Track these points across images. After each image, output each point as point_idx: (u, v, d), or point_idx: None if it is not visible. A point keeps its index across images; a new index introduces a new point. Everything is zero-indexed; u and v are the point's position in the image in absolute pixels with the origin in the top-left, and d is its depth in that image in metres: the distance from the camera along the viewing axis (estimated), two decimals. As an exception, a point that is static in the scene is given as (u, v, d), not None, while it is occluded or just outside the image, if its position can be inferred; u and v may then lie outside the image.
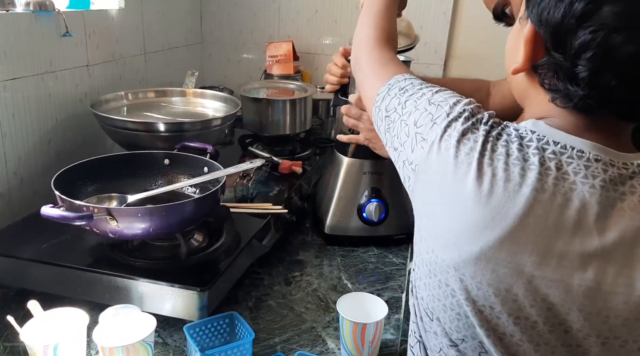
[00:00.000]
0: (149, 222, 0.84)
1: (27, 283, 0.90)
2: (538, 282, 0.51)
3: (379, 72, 0.75)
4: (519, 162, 0.52)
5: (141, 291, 0.85)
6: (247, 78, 1.97)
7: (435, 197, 0.57)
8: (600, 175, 0.51)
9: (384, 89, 0.70)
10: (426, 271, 0.59)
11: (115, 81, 1.46)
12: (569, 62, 0.51)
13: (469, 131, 0.56)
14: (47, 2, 1.18)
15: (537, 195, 0.51)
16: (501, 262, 0.51)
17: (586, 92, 0.51)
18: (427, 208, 0.59)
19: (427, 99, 0.62)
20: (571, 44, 0.50)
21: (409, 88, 0.66)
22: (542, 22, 0.53)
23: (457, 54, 1.80)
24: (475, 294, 0.53)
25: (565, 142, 0.53)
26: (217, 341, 0.83)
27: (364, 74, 0.80)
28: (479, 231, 0.52)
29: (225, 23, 1.99)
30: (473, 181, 0.53)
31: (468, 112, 0.57)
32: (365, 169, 1.14)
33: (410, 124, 0.61)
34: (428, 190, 0.58)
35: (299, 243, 1.18)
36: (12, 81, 1.11)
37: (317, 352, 0.85)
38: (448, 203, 0.55)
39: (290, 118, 1.43)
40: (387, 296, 1.00)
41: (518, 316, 0.52)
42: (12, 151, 1.14)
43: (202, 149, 1.10)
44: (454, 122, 0.57)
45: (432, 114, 0.59)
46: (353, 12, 1.83)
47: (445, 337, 0.59)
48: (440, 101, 0.61)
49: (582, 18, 0.49)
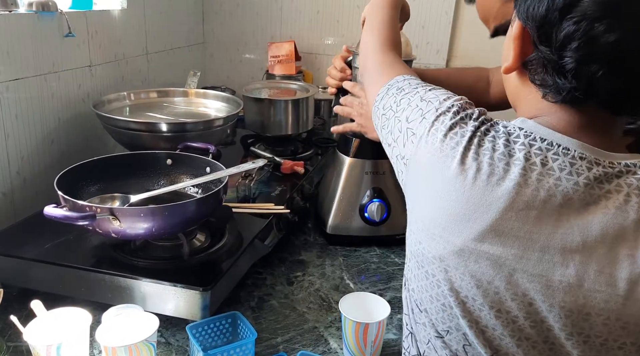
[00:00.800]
0: (152, 222, 0.84)
1: (30, 283, 0.90)
2: (519, 276, 0.51)
3: (381, 74, 0.77)
4: (504, 158, 0.53)
5: (144, 291, 0.85)
6: (249, 78, 1.98)
7: (423, 190, 0.58)
8: (584, 173, 0.52)
9: (383, 89, 0.72)
10: (415, 263, 0.60)
11: (117, 81, 1.47)
12: (556, 54, 0.52)
13: (457, 125, 0.57)
14: (50, 2, 1.18)
15: (519, 189, 0.51)
16: (483, 254, 0.52)
17: (574, 85, 0.52)
18: (416, 201, 0.60)
19: (420, 96, 0.64)
20: (556, 37, 0.52)
21: (406, 87, 0.68)
22: (528, 18, 0.55)
23: (459, 54, 1.79)
24: (459, 286, 0.54)
25: (552, 140, 0.54)
26: (219, 341, 0.83)
27: (369, 77, 0.81)
28: (461, 223, 0.53)
29: (228, 23, 1.99)
30: (457, 174, 0.54)
31: (457, 107, 0.58)
32: (367, 169, 1.14)
33: (403, 120, 0.63)
34: (416, 183, 0.60)
35: (301, 243, 1.18)
36: (15, 82, 1.11)
37: (320, 352, 0.85)
38: (434, 195, 0.56)
39: (292, 118, 1.44)
40: (389, 296, 1.00)
41: (499, 309, 0.53)
42: (15, 151, 1.14)
43: (204, 149, 1.10)
44: (442, 116, 0.58)
45: (422, 110, 0.61)
46: (355, 13, 1.83)
47: (432, 328, 0.60)
48: (431, 97, 0.62)
49: (565, 10, 0.50)
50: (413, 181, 0.61)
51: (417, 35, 1.77)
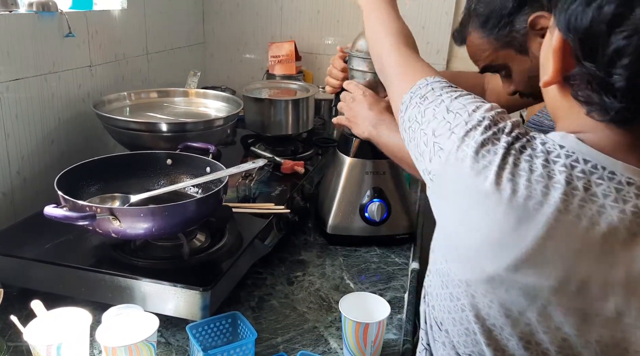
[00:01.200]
0: (152, 222, 0.84)
1: (30, 283, 0.90)
2: (554, 309, 0.48)
3: (401, 79, 0.72)
4: (542, 180, 0.48)
5: (144, 291, 0.85)
6: (249, 78, 1.98)
7: (452, 209, 0.54)
8: (631, 200, 0.47)
9: (406, 98, 0.67)
10: (439, 281, 0.57)
11: (117, 81, 1.47)
12: (603, 71, 0.48)
13: (489, 142, 0.52)
14: (50, 2, 1.18)
15: (559, 216, 0.47)
16: (516, 284, 0.48)
17: (624, 104, 0.48)
18: (442, 219, 0.57)
19: (446, 107, 0.59)
20: (603, 52, 0.47)
21: (429, 95, 0.63)
22: (570, 30, 0.50)
23: (459, 55, 1.80)
24: (486, 313, 0.51)
25: (596, 162, 0.49)
26: (219, 341, 0.83)
27: (389, 83, 0.77)
28: (494, 250, 0.49)
29: (228, 23, 1.99)
30: (490, 195, 0.49)
31: (488, 120, 0.53)
32: (367, 169, 1.14)
33: (429, 134, 0.59)
34: (444, 202, 0.56)
35: (301, 243, 1.18)
36: (15, 82, 1.11)
37: (320, 352, 0.85)
38: (463, 216, 0.52)
39: (292, 118, 1.43)
40: (389, 296, 1.00)
41: (529, 340, 0.50)
42: (16, 150, 1.14)
43: (204, 149, 1.10)
44: (472, 131, 0.53)
45: (450, 123, 0.56)
46: (355, 12, 1.83)
47: (453, 350, 0.57)
48: (458, 108, 0.57)
49: (614, 22, 0.46)
50: (439, 198, 0.57)
51: (417, 35, 1.73)
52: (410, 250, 1.17)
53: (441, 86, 0.64)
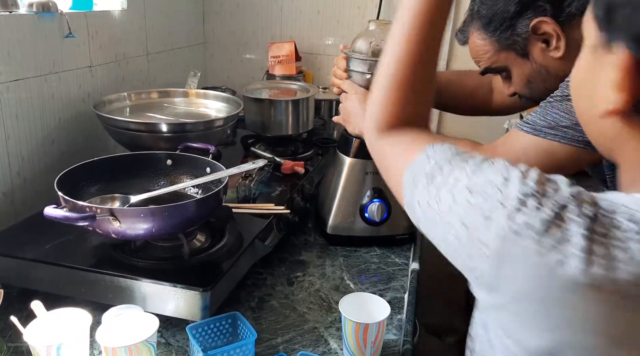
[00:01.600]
0: (152, 222, 0.84)
1: (30, 283, 0.90)
2: None
3: (393, 156, 0.64)
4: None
5: (144, 291, 0.85)
6: (250, 79, 1.98)
7: (530, 321, 0.43)
8: None
9: (407, 178, 0.56)
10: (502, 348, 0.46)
11: (118, 82, 1.47)
12: None
13: (552, 226, 0.40)
14: (50, 3, 1.18)
15: None
16: None
17: None
18: (524, 328, 0.44)
19: (466, 188, 0.47)
20: None
21: (436, 173, 0.51)
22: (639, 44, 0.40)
23: (459, 54, 1.79)
24: None
25: None
26: (219, 341, 0.83)
27: (380, 168, 0.71)
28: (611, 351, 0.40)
29: (228, 24, 1.99)
30: (586, 303, 0.39)
31: (533, 195, 0.41)
32: (367, 169, 1.14)
33: (457, 225, 0.47)
34: (517, 309, 0.44)
35: (302, 243, 1.18)
36: (15, 82, 1.12)
37: (320, 352, 0.85)
38: (554, 325, 0.41)
39: (292, 118, 1.43)
40: (389, 297, 1.00)
41: None
42: (16, 151, 1.14)
43: (204, 149, 1.10)
44: (517, 213, 0.41)
45: (482, 208, 0.44)
46: (355, 13, 1.83)
47: None
48: (482, 186, 0.45)
49: None
50: (513, 306, 0.44)
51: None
52: (410, 250, 1.17)
53: (445, 158, 0.52)
